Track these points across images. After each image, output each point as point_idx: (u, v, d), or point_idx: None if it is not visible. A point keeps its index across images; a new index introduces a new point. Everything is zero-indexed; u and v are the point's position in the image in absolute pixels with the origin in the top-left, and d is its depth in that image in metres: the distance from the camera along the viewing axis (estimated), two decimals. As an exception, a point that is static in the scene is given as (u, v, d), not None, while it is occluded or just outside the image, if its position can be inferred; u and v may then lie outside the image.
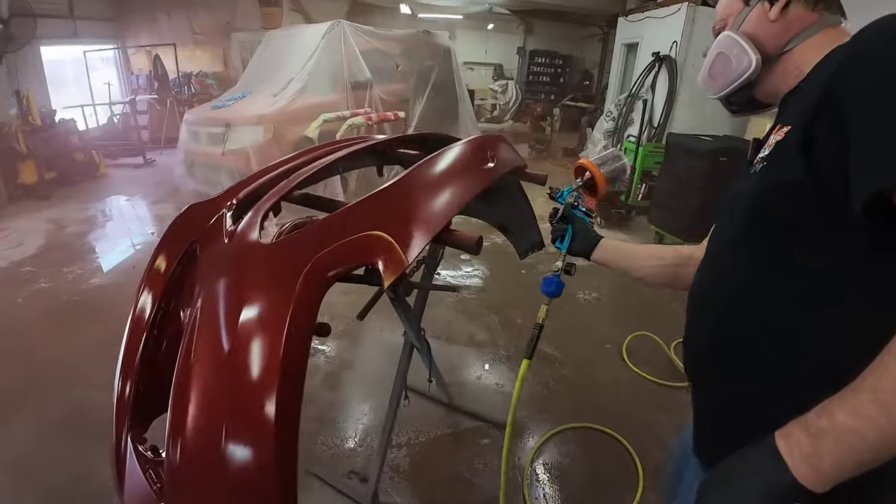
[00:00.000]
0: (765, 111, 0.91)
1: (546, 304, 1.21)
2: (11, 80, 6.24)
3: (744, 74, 0.81)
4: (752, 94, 0.86)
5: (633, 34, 6.71)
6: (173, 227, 1.20)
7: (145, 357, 1.07)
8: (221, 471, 0.76)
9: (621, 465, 2.10)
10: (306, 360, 0.81)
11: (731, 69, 0.82)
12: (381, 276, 0.80)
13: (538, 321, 1.21)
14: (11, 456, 2.10)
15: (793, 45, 0.78)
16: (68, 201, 5.69)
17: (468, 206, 1.73)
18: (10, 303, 3.42)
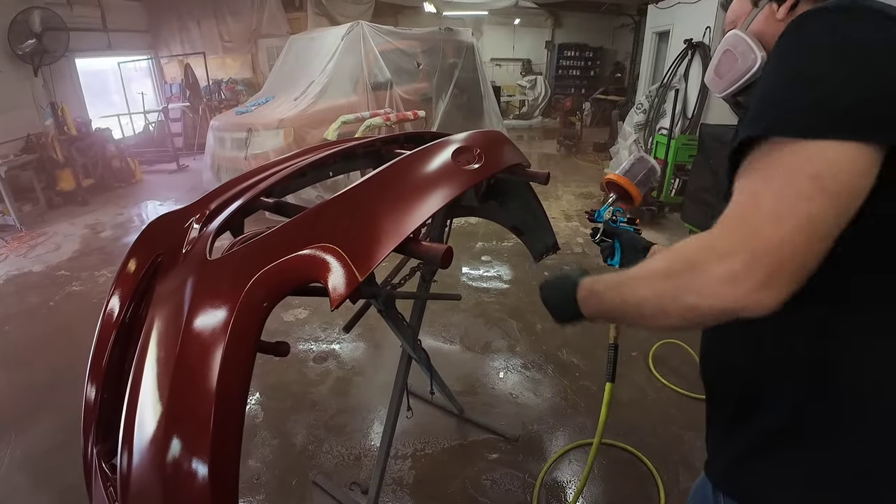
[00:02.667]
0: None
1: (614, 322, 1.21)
2: (48, 92, 6.53)
3: (749, 71, 0.79)
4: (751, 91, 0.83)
5: (664, 21, 6.41)
6: (144, 234, 1.16)
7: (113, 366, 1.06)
8: (163, 488, 0.75)
9: (641, 487, 1.95)
10: (247, 382, 0.74)
11: (737, 67, 0.81)
12: (329, 296, 0.72)
13: (611, 340, 1.26)
14: (32, 453, 2.16)
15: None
16: (105, 207, 5.91)
17: (476, 208, 1.66)
18: (43, 305, 3.55)
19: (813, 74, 0.54)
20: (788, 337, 0.66)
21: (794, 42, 0.58)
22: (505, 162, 1.22)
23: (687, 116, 5.49)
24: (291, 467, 2.04)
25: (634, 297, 0.62)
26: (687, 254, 0.56)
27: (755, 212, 0.51)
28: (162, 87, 9.26)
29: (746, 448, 0.72)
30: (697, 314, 0.54)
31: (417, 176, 0.97)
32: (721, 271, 0.50)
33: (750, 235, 0.50)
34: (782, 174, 0.51)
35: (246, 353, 0.73)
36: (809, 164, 0.49)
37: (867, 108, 0.50)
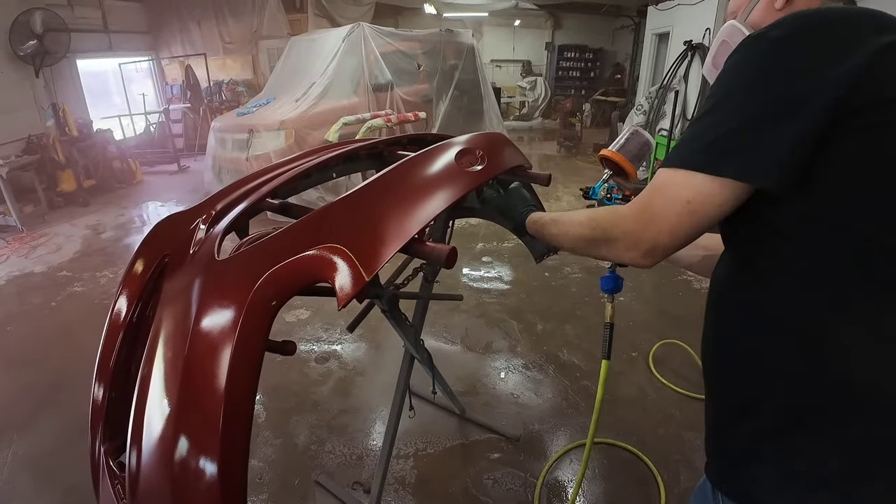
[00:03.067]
0: None
1: (609, 301, 1.27)
2: (49, 93, 6.55)
3: None
4: None
5: (663, 23, 6.44)
6: (151, 235, 1.17)
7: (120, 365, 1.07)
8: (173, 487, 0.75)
9: (642, 486, 1.96)
10: (256, 381, 0.76)
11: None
12: (336, 296, 0.73)
13: (607, 319, 1.29)
14: (34, 453, 2.16)
15: None
16: (106, 207, 5.92)
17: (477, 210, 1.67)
18: (45, 306, 3.56)
19: (703, 110, 0.68)
20: (783, 337, 0.67)
21: (724, 66, 0.69)
22: (507, 163, 1.23)
23: (687, 118, 5.52)
24: (294, 467, 2.05)
25: (564, 240, 0.92)
26: (605, 226, 0.78)
27: (648, 210, 0.71)
28: (163, 89, 9.27)
29: (743, 448, 0.73)
30: (605, 259, 0.86)
31: (421, 178, 0.98)
32: (623, 244, 0.75)
33: (642, 226, 0.71)
34: (670, 191, 0.68)
35: (255, 352, 0.74)
36: (684, 189, 0.66)
37: (721, 146, 0.64)
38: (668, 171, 0.69)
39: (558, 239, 0.94)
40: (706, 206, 0.65)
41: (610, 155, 1.16)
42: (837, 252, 0.62)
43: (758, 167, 0.61)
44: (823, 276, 0.63)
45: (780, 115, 0.60)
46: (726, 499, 0.76)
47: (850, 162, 0.60)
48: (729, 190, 0.64)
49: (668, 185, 0.68)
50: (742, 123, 0.63)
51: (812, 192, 0.61)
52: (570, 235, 0.89)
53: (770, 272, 0.68)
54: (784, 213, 0.65)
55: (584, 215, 0.85)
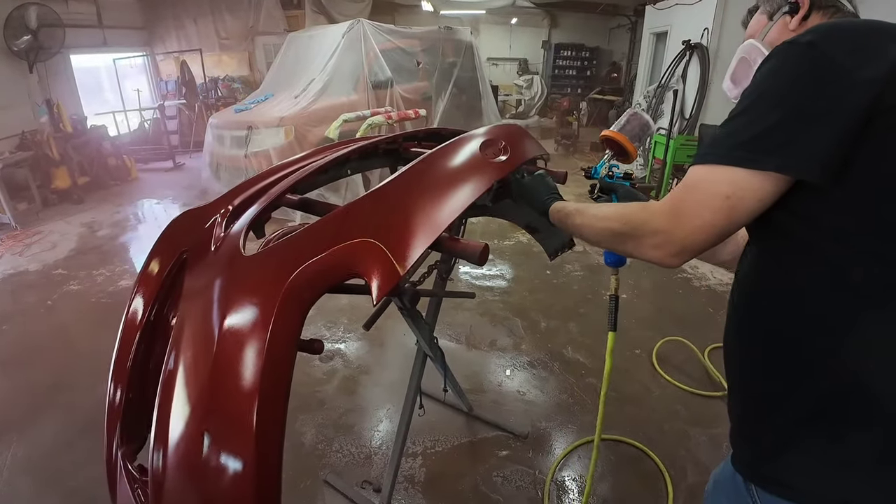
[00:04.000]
0: None
1: (614, 275, 1.27)
2: (43, 89, 6.46)
3: None
4: None
5: (661, 22, 6.46)
6: (168, 231, 1.16)
7: (137, 366, 1.04)
8: (201, 488, 0.74)
9: (650, 482, 1.96)
10: (289, 379, 0.75)
11: (752, 73, 0.80)
12: (370, 291, 0.72)
13: (612, 292, 1.29)
14: (33, 455, 2.13)
15: None
16: (101, 205, 5.85)
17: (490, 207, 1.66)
18: (42, 305, 3.51)
19: (737, 110, 0.70)
20: (815, 327, 0.69)
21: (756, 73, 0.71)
22: (529, 153, 1.23)
23: (685, 117, 5.54)
24: (302, 467, 2.04)
25: (589, 232, 0.91)
26: (634, 222, 0.77)
27: (681, 207, 0.70)
28: (157, 85, 9.17)
29: (779, 438, 0.74)
30: (629, 255, 0.84)
31: (449, 170, 0.97)
32: (651, 242, 0.74)
33: (674, 224, 0.71)
34: (707, 187, 0.68)
35: (288, 350, 0.73)
36: (723, 185, 0.67)
37: (762, 142, 0.65)
38: (703, 168, 0.69)
39: (582, 230, 0.93)
40: (746, 201, 0.66)
41: (611, 135, 1.19)
42: (868, 244, 0.64)
43: (799, 160, 0.63)
44: (853, 267, 0.65)
45: (818, 112, 0.63)
46: (761, 491, 0.76)
47: (883, 156, 0.62)
48: (770, 183, 0.65)
49: (704, 182, 0.68)
50: (781, 120, 0.64)
51: (847, 186, 0.63)
52: (595, 228, 0.88)
53: (802, 265, 0.70)
54: (819, 207, 0.66)
55: (614, 209, 0.85)
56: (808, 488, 0.71)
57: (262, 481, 0.70)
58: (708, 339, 2.80)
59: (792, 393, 0.72)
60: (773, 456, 0.75)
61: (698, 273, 3.83)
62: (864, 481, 0.67)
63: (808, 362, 0.70)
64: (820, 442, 0.70)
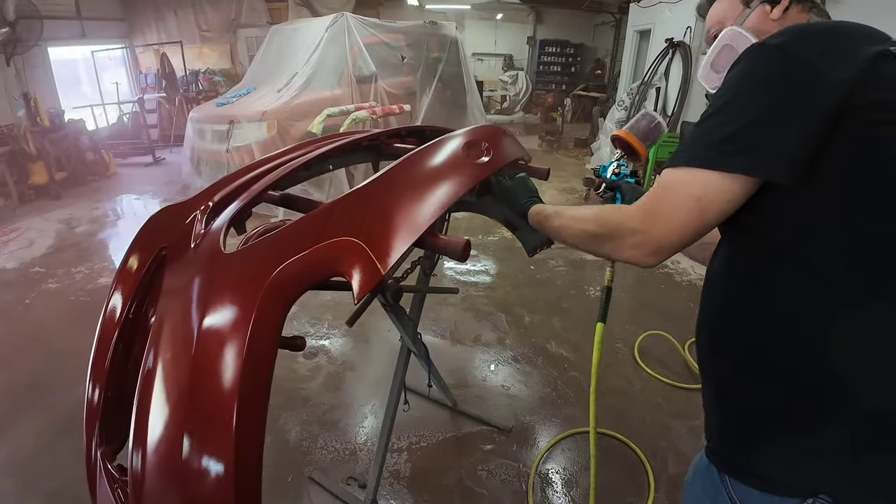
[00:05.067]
0: None
1: (609, 266, 1.29)
2: (20, 82, 6.28)
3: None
4: None
5: (645, 20, 6.52)
6: (146, 228, 1.14)
7: (116, 365, 1.03)
8: (181, 488, 0.73)
9: (632, 473, 2.00)
10: (270, 377, 0.74)
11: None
12: (352, 289, 0.72)
13: (606, 283, 1.30)
14: (13, 457, 2.08)
15: None
16: (79, 201, 5.73)
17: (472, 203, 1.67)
18: (19, 303, 3.43)
19: (709, 112, 0.71)
20: (784, 326, 0.71)
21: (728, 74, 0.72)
22: (511, 155, 1.23)
23: (667, 114, 5.61)
24: (286, 464, 2.03)
25: (567, 234, 0.92)
26: (611, 224, 0.78)
27: (657, 208, 0.72)
28: (137, 78, 8.99)
29: (751, 431, 0.76)
30: (607, 257, 0.87)
31: (431, 170, 0.98)
32: (629, 242, 0.75)
33: (650, 224, 0.72)
34: (679, 189, 0.70)
35: (269, 349, 0.73)
36: (694, 187, 0.69)
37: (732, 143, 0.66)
38: (675, 171, 0.71)
39: (560, 232, 0.94)
40: (717, 203, 0.68)
41: (622, 135, 1.19)
42: (837, 243, 0.66)
43: (767, 162, 0.65)
44: (824, 266, 0.66)
45: (787, 113, 0.64)
46: (734, 481, 0.78)
47: (850, 157, 0.64)
48: (739, 185, 0.66)
49: (677, 184, 0.70)
50: (750, 122, 0.66)
51: (815, 186, 0.65)
52: (573, 230, 0.89)
53: (772, 264, 0.71)
54: (788, 207, 0.68)
55: (591, 211, 0.86)
56: (780, 479, 0.73)
57: (242, 481, 0.70)
58: (689, 333, 2.85)
59: (763, 387, 0.73)
60: (746, 447, 0.76)
61: (679, 268, 3.89)
62: (835, 472, 0.69)
63: (780, 358, 0.71)
64: (792, 434, 0.71)
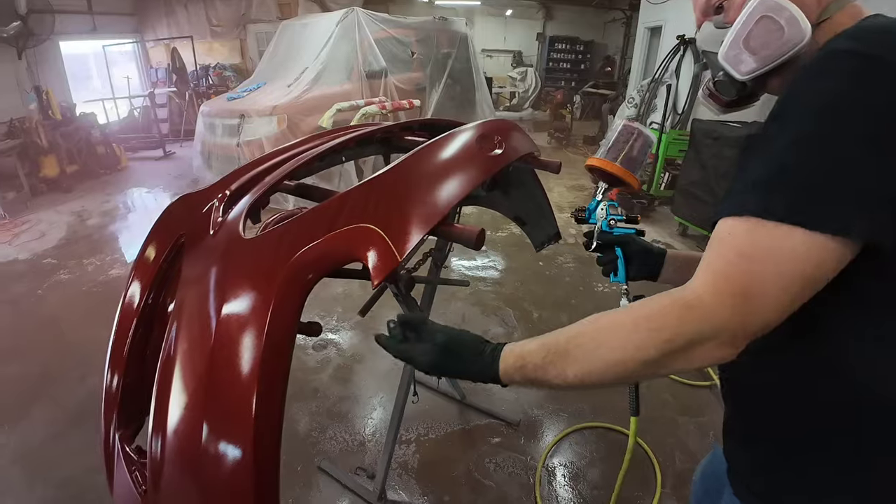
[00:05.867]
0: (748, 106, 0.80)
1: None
2: (31, 76, 6.36)
3: (796, 45, 0.63)
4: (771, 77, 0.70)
5: (656, 17, 6.47)
6: (164, 216, 1.16)
7: (134, 352, 1.05)
8: (200, 472, 0.74)
9: (639, 468, 2.01)
10: (289, 362, 0.75)
11: (781, 39, 0.64)
12: (369, 276, 0.73)
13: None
14: (26, 446, 2.12)
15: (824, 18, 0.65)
16: (90, 194, 5.79)
17: (481, 197, 1.67)
18: (31, 294, 3.48)
19: (791, 138, 0.55)
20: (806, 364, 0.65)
21: (806, 96, 0.56)
22: (522, 149, 1.24)
23: (677, 112, 5.57)
24: (296, 454, 2.05)
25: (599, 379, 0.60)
26: (684, 335, 0.55)
27: (749, 288, 0.53)
28: (147, 72, 9.05)
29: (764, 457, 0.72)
30: (668, 374, 0.64)
31: (446, 161, 0.98)
32: (715, 343, 0.55)
33: (745, 312, 0.54)
34: (777, 256, 0.53)
35: (287, 333, 0.74)
36: (799, 256, 0.52)
37: (843, 194, 0.52)
38: (759, 228, 0.54)
39: (582, 380, 0.61)
40: (822, 274, 0.53)
41: (599, 164, 0.91)
42: None
43: (885, 221, 0.52)
44: None
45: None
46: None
47: None
48: (849, 250, 0.53)
49: (766, 250, 0.53)
50: (861, 167, 0.52)
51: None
52: (610, 371, 0.59)
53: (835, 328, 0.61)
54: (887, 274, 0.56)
55: (629, 322, 0.59)
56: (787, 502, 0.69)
57: (260, 468, 0.71)
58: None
59: (796, 433, 0.68)
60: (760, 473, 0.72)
61: (688, 266, 3.87)
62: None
63: (815, 408, 0.65)
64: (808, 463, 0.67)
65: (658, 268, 0.97)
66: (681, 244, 4.37)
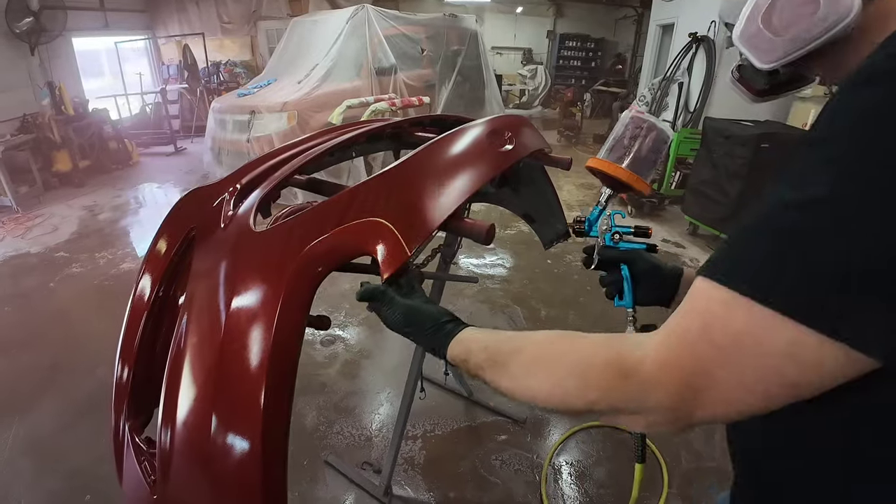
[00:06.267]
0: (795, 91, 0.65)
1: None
2: (44, 71, 6.42)
3: (839, 23, 0.48)
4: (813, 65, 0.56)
5: (668, 14, 6.41)
6: (175, 210, 1.16)
7: (145, 344, 1.06)
8: (208, 464, 0.74)
9: (646, 468, 1.99)
10: (298, 354, 0.75)
11: (818, 15, 0.49)
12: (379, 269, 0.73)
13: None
14: (35, 436, 2.15)
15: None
16: (102, 188, 5.85)
17: (490, 194, 1.67)
18: (43, 287, 3.52)
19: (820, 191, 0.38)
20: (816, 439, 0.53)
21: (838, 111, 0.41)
22: (533, 145, 1.23)
23: (689, 110, 5.52)
24: (303, 447, 2.07)
25: (521, 395, 0.54)
26: (618, 396, 0.47)
27: (712, 378, 0.42)
28: (159, 69, 9.12)
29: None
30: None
31: (456, 156, 0.98)
32: (643, 421, 0.48)
33: (691, 398, 0.43)
34: (749, 351, 0.40)
35: (297, 325, 0.74)
36: (783, 360, 0.39)
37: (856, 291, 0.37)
38: (737, 304, 0.40)
39: (513, 397, 0.56)
40: (819, 378, 0.40)
41: (601, 167, 0.77)
42: None
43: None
44: None
45: None
46: None
47: None
48: (861, 364, 0.38)
49: (739, 335, 0.40)
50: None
51: None
52: (536, 397, 0.53)
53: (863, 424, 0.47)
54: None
55: (567, 364, 0.51)
56: None
57: (268, 461, 0.71)
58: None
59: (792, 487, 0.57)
60: None
61: (699, 266, 3.84)
62: None
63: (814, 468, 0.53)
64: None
65: (672, 291, 0.81)
66: (691, 244, 4.33)
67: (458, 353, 0.63)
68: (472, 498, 1.86)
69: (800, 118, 4.82)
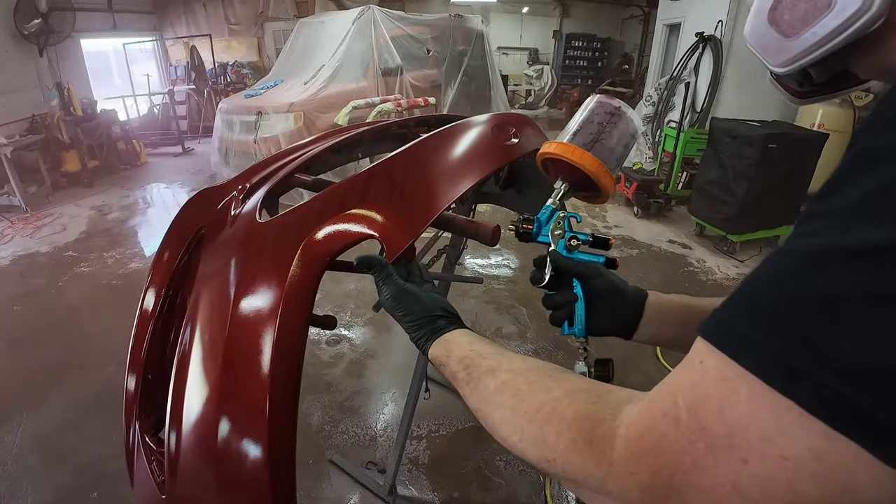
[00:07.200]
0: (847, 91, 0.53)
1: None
2: (53, 73, 6.48)
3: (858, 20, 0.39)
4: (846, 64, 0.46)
5: (675, 14, 6.38)
6: (183, 212, 1.17)
7: (155, 343, 1.06)
8: (215, 463, 0.74)
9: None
10: (303, 348, 0.75)
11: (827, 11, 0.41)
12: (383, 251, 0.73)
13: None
14: (44, 433, 2.17)
15: None
16: (111, 189, 5.90)
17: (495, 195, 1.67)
18: (52, 286, 3.56)
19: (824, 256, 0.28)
20: None
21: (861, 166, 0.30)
22: (537, 144, 1.23)
23: (696, 110, 5.49)
24: (308, 447, 2.07)
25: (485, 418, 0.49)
26: (566, 466, 0.40)
27: (677, 483, 0.32)
28: (167, 70, 9.19)
29: None
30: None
31: (462, 145, 0.98)
32: (600, 499, 0.39)
33: (655, 497, 0.34)
34: (747, 446, 0.29)
35: (301, 316, 0.74)
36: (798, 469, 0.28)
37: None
38: (741, 382, 0.30)
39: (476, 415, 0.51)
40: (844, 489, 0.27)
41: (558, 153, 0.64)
42: None
43: None
44: None
45: None
46: None
47: None
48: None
49: (737, 423, 0.30)
50: None
51: None
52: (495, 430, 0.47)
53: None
54: None
55: (534, 406, 0.44)
56: None
57: (276, 460, 0.70)
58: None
59: None
60: None
61: (705, 267, 3.82)
62: None
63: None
64: None
65: (634, 318, 0.68)
66: (697, 244, 4.30)
67: (439, 353, 0.58)
68: (476, 498, 1.86)
69: (808, 118, 4.78)
